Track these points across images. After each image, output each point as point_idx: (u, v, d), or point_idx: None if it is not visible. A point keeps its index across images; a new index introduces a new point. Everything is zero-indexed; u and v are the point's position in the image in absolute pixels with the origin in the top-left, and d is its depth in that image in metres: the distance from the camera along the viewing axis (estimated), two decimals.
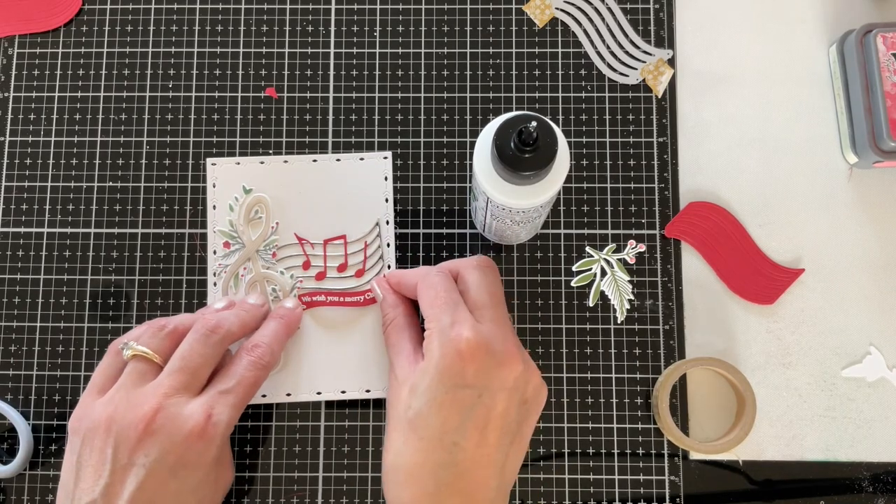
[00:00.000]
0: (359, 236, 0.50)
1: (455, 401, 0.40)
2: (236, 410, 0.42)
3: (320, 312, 0.49)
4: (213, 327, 0.43)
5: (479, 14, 0.53)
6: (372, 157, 0.51)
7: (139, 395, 0.41)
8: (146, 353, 0.43)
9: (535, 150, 0.37)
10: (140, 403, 0.41)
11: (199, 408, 0.41)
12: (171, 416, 0.41)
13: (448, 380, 0.40)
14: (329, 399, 0.49)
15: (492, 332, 0.41)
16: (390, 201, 0.50)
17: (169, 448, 0.40)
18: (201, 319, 0.44)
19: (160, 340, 0.43)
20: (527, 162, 0.38)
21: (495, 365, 0.40)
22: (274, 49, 0.53)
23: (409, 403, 0.40)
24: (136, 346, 0.43)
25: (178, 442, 0.40)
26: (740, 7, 0.53)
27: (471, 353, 0.40)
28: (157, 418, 0.40)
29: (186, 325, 0.44)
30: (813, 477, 0.48)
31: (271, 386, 0.48)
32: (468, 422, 0.40)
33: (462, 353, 0.40)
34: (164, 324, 0.44)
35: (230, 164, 0.51)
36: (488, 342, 0.40)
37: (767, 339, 0.50)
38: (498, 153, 0.38)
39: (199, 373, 0.42)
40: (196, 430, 0.40)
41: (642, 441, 0.49)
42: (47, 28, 0.53)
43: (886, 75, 0.48)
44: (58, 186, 0.51)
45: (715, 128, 0.52)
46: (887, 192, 0.51)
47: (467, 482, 0.40)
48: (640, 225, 0.51)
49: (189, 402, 0.41)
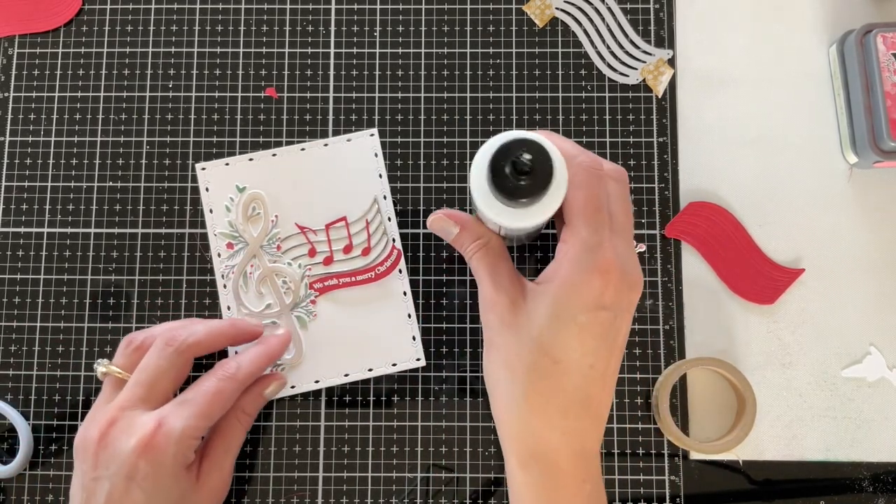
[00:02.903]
0: (359, 215, 0.50)
1: (594, 323, 0.39)
2: (196, 420, 0.42)
3: (335, 296, 0.49)
4: (168, 339, 0.44)
5: (479, 14, 0.53)
6: (359, 136, 0.51)
7: (101, 412, 0.43)
8: (115, 372, 0.44)
9: (531, 176, 0.37)
10: (99, 419, 0.43)
11: (151, 418, 0.42)
12: (123, 427, 0.42)
13: (589, 301, 0.39)
14: (356, 379, 0.49)
15: (626, 254, 0.40)
16: (384, 176, 0.51)
17: (123, 459, 0.41)
18: (162, 333, 0.45)
19: (127, 357, 0.45)
20: (524, 189, 0.37)
21: (627, 288, 0.40)
22: (274, 49, 0.53)
23: (539, 326, 0.39)
24: (108, 364, 0.45)
25: (128, 452, 0.41)
26: (740, 7, 0.53)
27: (612, 275, 0.39)
28: (111, 431, 0.42)
29: (154, 338, 0.45)
30: (813, 477, 0.48)
31: (297, 377, 0.49)
32: (603, 343, 0.40)
33: (605, 275, 0.39)
34: (132, 339, 0.45)
35: (219, 165, 0.51)
36: (625, 264, 0.39)
37: (767, 339, 0.50)
38: (495, 185, 0.37)
39: (156, 386, 0.43)
40: (143, 441, 0.41)
41: (642, 441, 0.49)
42: (47, 28, 0.53)
43: (886, 75, 0.48)
44: (58, 186, 0.51)
45: (715, 128, 0.52)
46: (887, 192, 0.51)
47: (594, 403, 0.40)
48: (640, 225, 0.51)
49: (142, 414, 0.42)
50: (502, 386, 0.41)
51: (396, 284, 0.50)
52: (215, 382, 0.44)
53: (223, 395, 0.44)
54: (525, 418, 0.40)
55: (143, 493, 0.41)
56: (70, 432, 0.49)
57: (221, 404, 0.44)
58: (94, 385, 0.49)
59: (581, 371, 0.39)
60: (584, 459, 0.41)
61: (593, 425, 0.41)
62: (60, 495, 0.48)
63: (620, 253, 0.39)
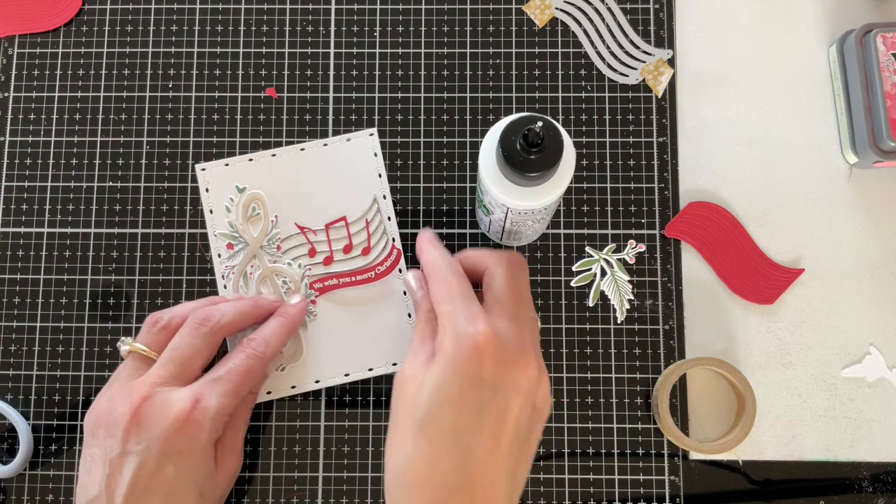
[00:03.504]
0: (359, 215, 0.50)
1: (469, 398, 0.37)
2: (228, 398, 0.43)
3: (336, 296, 0.49)
4: (202, 319, 0.44)
5: (479, 14, 0.53)
6: (358, 136, 0.51)
7: (130, 387, 0.43)
8: (140, 349, 0.44)
9: (541, 151, 0.37)
10: (129, 394, 0.42)
11: (186, 394, 0.42)
12: (158, 403, 0.42)
13: (463, 375, 0.37)
14: (356, 379, 0.49)
15: (508, 330, 0.39)
16: (384, 176, 0.51)
17: (157, 434, 0.41)
18: (194, 312, 0.45)
19: (154, 335, 0.45)
20: (535, 163, 0.38)
21: (511, 363, 0.38)
22: (274, 49, 0.53)
23: (418, 403, 0.38)
24: (132, 342, 0.44)
25: (165, 428, 0.41)
26: (740, 7, 0.53)
27: (487, 348, 0.38)
28: (145, 406, 0.41)
29: (181, 317, 0.45)
30: (813, 477, 0.48)
31: (297, 377, 0.49)
32: (481, 422, 0.37)
33: (478, 348, 0.38)
34: (158, 318, 0.45)
35: (219, 166, 0.51)
36: (504, 338, 0.38)
37: (767, 339, 0.50)
38: (506, 159, 0.38)
39: (189, 363, 0.43)
40: (182, 416, 0.41)
41: (642, 441, 0.49)
42: (47, 28, 0.53)
43: (886, 75, 0.48)
44: (58, 186, 0.51)
45: (715, 128, 0.52)
46: (887, 192, 0.51)
47: (478, 487, 0.37)
48: (640, 225, 0.51)
49: (177, 390, 0.42)
50: (387, 461, 0.40)
51: (396, 284, 0.50)
52: (246, 361, 0.44)
53: (253, 374, 0.44)
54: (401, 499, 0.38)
55: (174, 470, 0.41)
56: (70, 432, 0.49)
57: (250, 382, 0.44)
58: (94, 385, 0.49)
59: (458, 452, 0.37)
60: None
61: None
62: (60, 495, 0.48)
63: (500, 328, 0.39)
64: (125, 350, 0.44)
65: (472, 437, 0.37)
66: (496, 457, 0.37)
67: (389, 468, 0.39)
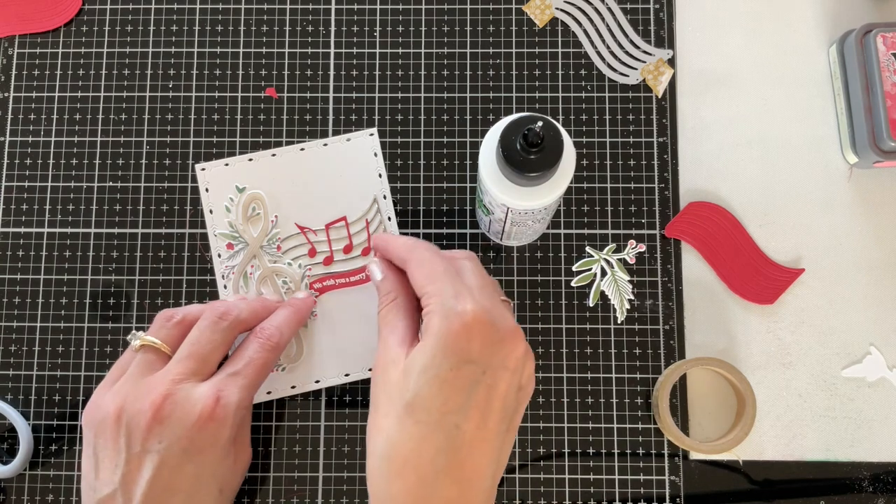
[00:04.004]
0: (359, 215, 0.50)
1: (459, 377, 0.37)
2: (247, 391, 0.43)
3: (336, 296, 0.49)
4: (222, 314, 0.44)
5: (479, 14, 0.53)
6: (359, 136, 0.51)
7: (147, 384, 0.42)
8: (154, 343, 0.43)
9: (541, 151, 0.37)
10: (149, 391, 0.41)
11: (209, 391, 0.42)
12: (180, 400, 0.41)
13: (452, 355, 0.37)
14: (356, 379, 0.49)
15: (495, 308, 0.39)
16: (384, 176, 0.51)
17: (180, 433, 0.40)
18: (211, 307, 0.45)
19: (168, 330, 0.44)
20: (535, 163, 0.38)
21: (499, 341, 0.38)
22: (274, 49, 0.53)
23: (406, 385, 0.38)
24: (144, 336, 0.44)
25: (188, 426, 0.41)
26: (740, 7, 0.53)
27: (476, 326, 0.37)
28: (166, 404, 0.41)
29: (195, 314, 0.45)
30: (813, 477, 0.48)
31: (297, 377, 0.49)
32: (470, 401, 0.37)
33: (468, 326, 0.37)
34: (172, 314, 0.45)
35: (219, 166, 0.51)
36: (492, 316, 0.38)
37: (767, 339, 0.50)
38: (506, 159, 0.38)
39: (208, 359, 0.43)
40: (206, 413, 0.41)
41: (642, 441, 0.49)
42: (47, 28, 0.53)
43: (886, 75, 0.48)
44: (58, 186, 0.51)
45: (715, 128, 0.52)
46: (887, 192, 0.51)
47: (465, 469, 0.37)
48: (640, 225, 0.51)
49: (198, 386, 0.42)
50: (370, 446, 0.39)
51: None
52: (262, 353, 0.44)
53: (269, 366, 0.44)
54: (385, 485, 0.38)
55: (195, 468, 0.41)
56: (70, 432, 0.49)
57: (266, 374, 0.45)
58: (95, 385, 0.49)
59: (446, 432, 0.37)
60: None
61: (465, 495, 0.37)
62: (60, 495, 0.48)
63: (487, 307, 0.38)
64: (136, 344, 0.43)
65: (460, 416, 0.37)
66: (483, 436, 0.38)
67: (372, 453, 0.39)
